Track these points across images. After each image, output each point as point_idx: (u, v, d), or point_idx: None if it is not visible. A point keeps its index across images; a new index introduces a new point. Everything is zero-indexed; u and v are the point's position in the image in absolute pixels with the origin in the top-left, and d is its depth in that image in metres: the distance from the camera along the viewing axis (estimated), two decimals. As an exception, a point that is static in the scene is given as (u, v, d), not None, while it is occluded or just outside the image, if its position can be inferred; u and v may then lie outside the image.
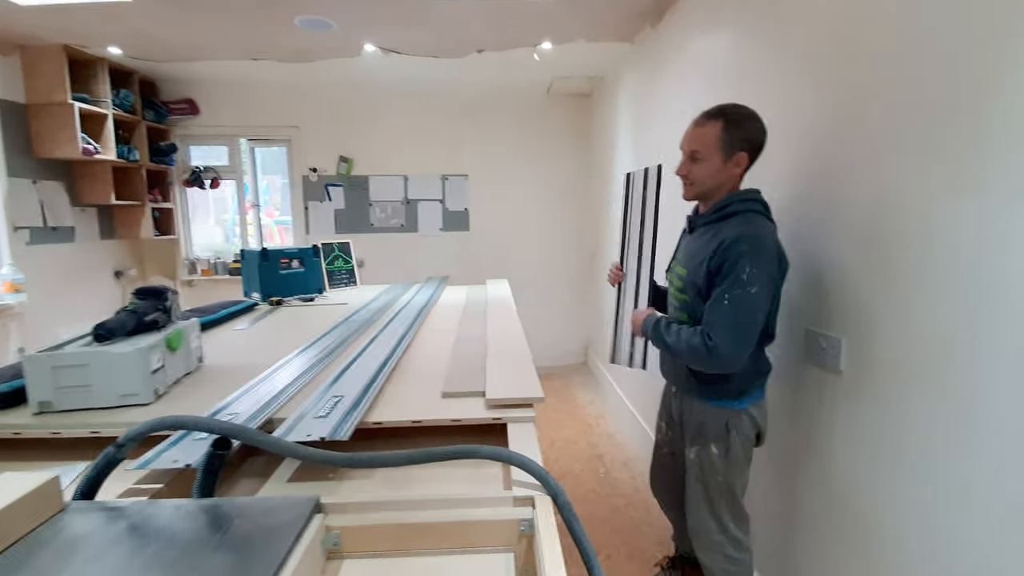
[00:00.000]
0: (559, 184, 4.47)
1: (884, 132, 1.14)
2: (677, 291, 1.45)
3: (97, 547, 0.68)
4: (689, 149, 1.35)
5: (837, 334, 1.30)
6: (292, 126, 4.19)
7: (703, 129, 1.32)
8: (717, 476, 1.42)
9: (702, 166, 1.33)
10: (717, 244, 1.28)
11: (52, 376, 1.12)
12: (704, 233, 1.37)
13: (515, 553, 0.75)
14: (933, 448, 1.04)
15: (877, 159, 1.16)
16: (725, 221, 1.32)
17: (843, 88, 1.26)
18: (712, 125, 1.31)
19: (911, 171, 1.07)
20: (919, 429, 1.07)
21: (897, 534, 1.14)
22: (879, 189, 1.15)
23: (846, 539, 1.30)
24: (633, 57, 3.09)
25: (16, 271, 2.81)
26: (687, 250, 1.45)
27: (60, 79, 2.91)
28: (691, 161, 1.35)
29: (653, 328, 1.43)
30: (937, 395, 1.02)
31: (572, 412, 3.59)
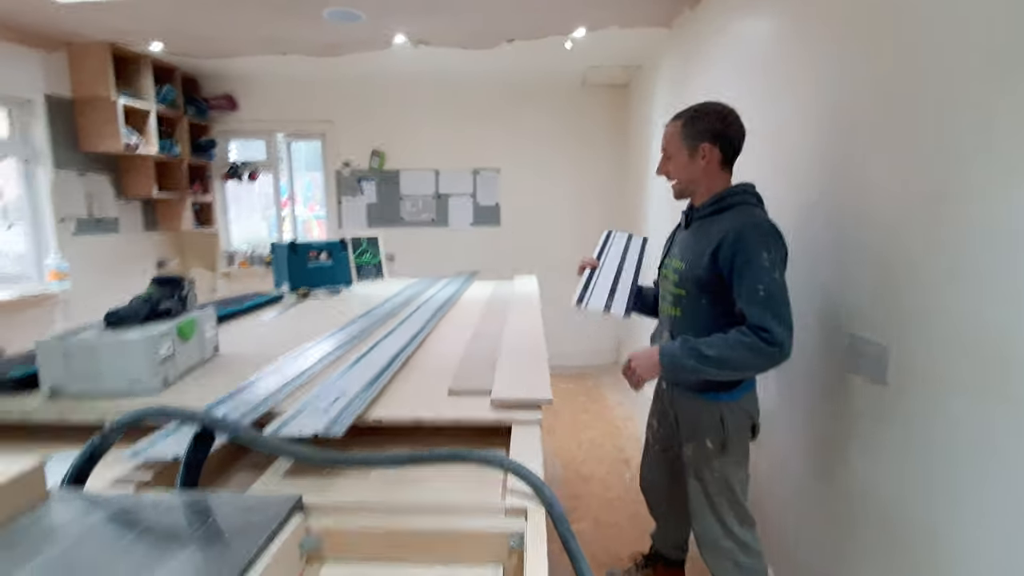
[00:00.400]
0: (593, 178, 4.36)
1: (939, 116, 1.00)
2: (673, 285, 1.44)
3: (70, 539, 0.65)
4: (663, 146, 1.43)
5: (883, 340, 1.17)
6: (326, 120, 4.24)
7: (668, 129, 1.42)
8: (714, 472, 1.41)
9: (672, 163, 1.41)
10: (721, 237, 1.28)
11: (63, 361, 1.13)
12: (701, 227, 1.39)
13: (504, 568, 0.69)
14: (991, 466, 0.91)
15: (931, 145, 1.02)
16: (721, 214, 1.35)
17: (894, 71, 1.13)
18: (673, 124, 1.40)
19: (971, 158, 0.94)
20: (977, 446, 0.94)
21: (951, 558, 1.01)
22: (933, 178, 1.02)
23: (891, 562, 1.18)
24: (671, 43, 2.95)
25: (61, 260, 2.94)
26: (684, 244, 1.44)
27: (105, 75, 3.02)
28: (665, 159, 1.43)
29: (682, 347, 1.27)
30: (998, 409, 0.89)
31: (600, 413, 3.49)
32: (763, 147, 1.79)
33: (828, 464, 1.42)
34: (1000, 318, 0.89)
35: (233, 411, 1.03)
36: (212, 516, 0.70)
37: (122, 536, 0.66)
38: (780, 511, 1.70)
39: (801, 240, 1.54)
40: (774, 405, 1.74)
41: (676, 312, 1.44)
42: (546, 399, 1.05)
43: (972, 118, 0.94)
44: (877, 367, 1.18)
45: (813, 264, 1.47)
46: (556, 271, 4.34)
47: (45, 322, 2.94)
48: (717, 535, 1.43)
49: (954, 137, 0.98)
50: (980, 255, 0.92)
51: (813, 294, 1.47)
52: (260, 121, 4.20)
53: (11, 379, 1.16)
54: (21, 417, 1.09)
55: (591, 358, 4.45)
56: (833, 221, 1.36)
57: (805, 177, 1.51)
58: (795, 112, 1.57)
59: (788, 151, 1.60)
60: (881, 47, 1.18)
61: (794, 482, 1.62)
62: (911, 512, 1.11)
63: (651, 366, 1.32)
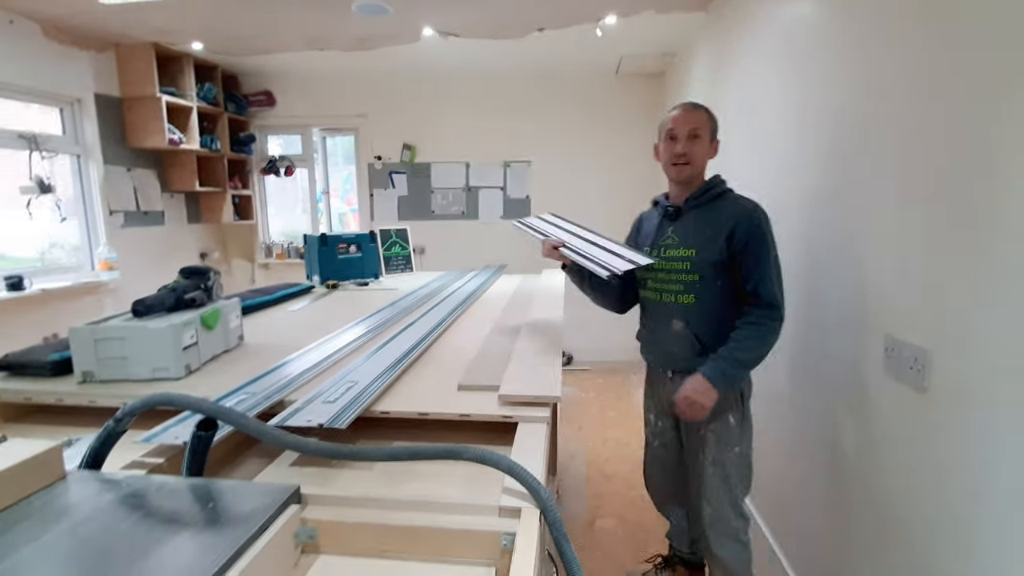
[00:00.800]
0: (626, 170, 4.26)
1: (989, 100, 0.91)
2: (683, 273, 1.46)
3: (80, 516, 0.68)
4: (689, 128, 1.43)
5: (924, 344, 1.08)
6: (360, 115, 4.30)
7: (698, 114, 1.44)
8: (735, 447, 1.48)
9: (700, 145, 1.43)
10: (735, 221, 1.38)
11: (94, 348, 1.18)
12: (700, 214, 1.46)
13: (496, 569, 0.67)
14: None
15: (986, 135, 0.93)
16: (716, 201, 1.45)
17: (943, 54, 1.03)
18: (701, 112, 1.45)
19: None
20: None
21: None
22: (985, 174, 0.93)
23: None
24: (707, 28, 2.84)
25: (110, 250, 3.10)
26: (684, 232, 1.47)
27: (149, 74, 3.15)
28: (690, 140, 1.43)
29: (726, 364, 1.36)
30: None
31: (627, 411, 3.43)
32: (801, 133, 1.70)
33: (859, 477, 1.34)
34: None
35: (245, 399, 1.05)
36: (212, 501, 0.71)
37: (128, 516, 0.68)
38: (806, 521, 1.63)
39: (837, 229, 1.46)
40: (801, 407, 1.66)
41: (688, 299, 1.45)
42: (554, 397, 1.03)
43: None
44: (916, 372, 1.10)
45: (850, 257, 1.39)
46: (586, 265, 4.29)
47: (96, 309, 3.12)
48: (730, 516, 1.49)
49: (1008, 124, 0.89)
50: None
51: (846, 291, 1.39)
52: (296, 116, 4.30)
53: (50, 363, 1.22)
54: (56, 399, 1.15)
55: (620, 354, 4.38)
56: (875, 210, 1.28)
57: (844, 165, 1.42)
58: (836, 95, 1.47)
59: (829, 138, 1.51)
60: (931, 30, 1.08)
61: (818, 495, 1.54)
62: (946, 531, 1.03)
63: (707, 390, 1.36)
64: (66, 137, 3.03)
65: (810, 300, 1.57)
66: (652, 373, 1.66)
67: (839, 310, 1.45)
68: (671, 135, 1.45)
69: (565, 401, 3.59)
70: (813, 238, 1.61)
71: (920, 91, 1.10)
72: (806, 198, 1.66)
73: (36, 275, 2.81)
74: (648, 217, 1.64)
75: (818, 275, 1.56)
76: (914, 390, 1.12)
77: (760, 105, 2.06)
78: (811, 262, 1.61)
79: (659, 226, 1.54)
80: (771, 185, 1.93)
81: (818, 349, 1.56)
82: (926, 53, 1.08)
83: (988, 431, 0.93)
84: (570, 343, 4.43)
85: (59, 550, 0.62)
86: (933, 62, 1.06)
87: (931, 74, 1.07)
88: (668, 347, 1.52)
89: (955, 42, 1.00)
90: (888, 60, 1.22)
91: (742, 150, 2.27)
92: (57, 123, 3.01)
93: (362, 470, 0.90)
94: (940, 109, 1.04)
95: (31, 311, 2.75)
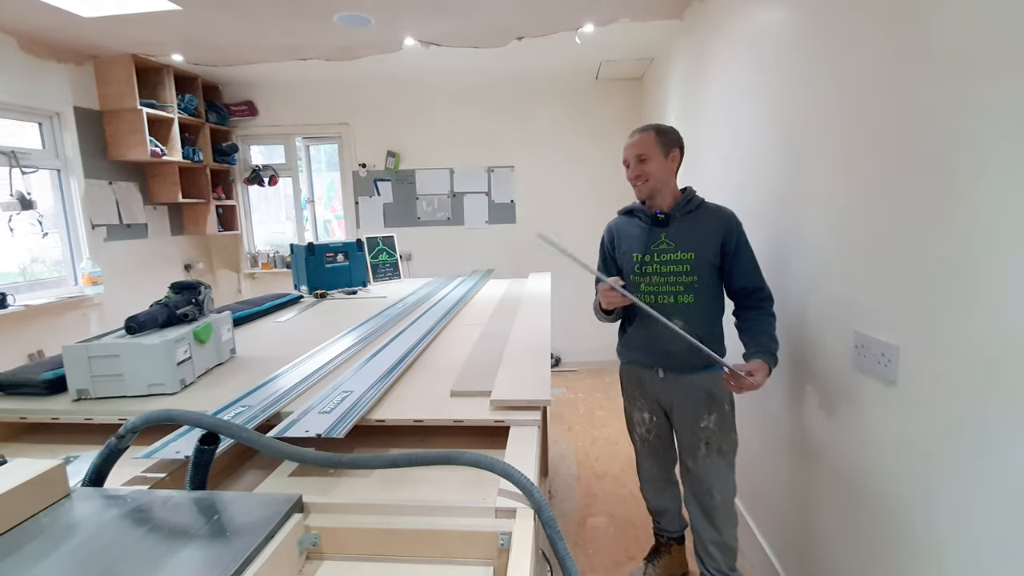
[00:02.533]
0: (609, 173, 4.33)
1: (955, 106, 0.98)
2: (683, 275, 1.56)
3: (87, 532, 0.70)
4: (636, 153, 1.57)
5: (893, 339, 1.14)
6: (343, 123, 4.31)
7: (639, 138, 1.57)
8: (733, 433, 1.61)
9: (650, 164, 1.55)
10: (726, 226, 1.54)
11: (88, 365, 1.19)
12: (689, 221, 1.58)
13: (494, 567, 0.71)
14: (1018, 480, 0.89)
15: (948, 136, 1.00)
16: (699, 209, 1.59)
17: (917, 56, 1.10)
18: (645, 135, 1.57)
19: (991, 147, 0.91)
20: (1000, 457, 0.92)
21: (953, 563, 0.99)
22: (947, 173, 0.99)
23: (896, 564, 1.16)
24: (683, 34, 2.91)
25: (94, 265, 3.07)
26: (679, 237, 1.57)
27: (129, 86, 3.13)
28: (639, 163, 1.56)
29: (770, 346, 1.49)
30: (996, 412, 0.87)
31: (616, 410, 3.48)
32: (771, 136, 1.77)
33: (833, 468, 1.41)
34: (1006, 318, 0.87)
35: (243, 412, 1.07)
36: (217, 514, 0.74)
37: (134, 531, 0.70)
38: (780, 506, 1.69)
39: (805, 230, 1.52)
40: (781, 404, 1.72)
41: (688, 299, 1.56)
42: (544, 400, 1.07)
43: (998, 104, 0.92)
44: (885, 366, 1.16)
45: (817, 257, 1.45)
46: (572, 267, 4.35)
47: (81, 324, 3.08)
48: (732, 496, 1.62)
49: (977, 126, 0.95)
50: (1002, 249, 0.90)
51: (815, 289, 1.45)
52: (279, 126, 4.29)
53: (44, 381, 1.23)
54: (52, 418, 1.16)
55: (609, 354, 4.44)
56: (844, 213, 1.34)
57: (813, 170, 1.49)
58: (804, 98, 1.54)
59: (797, 140, 1.58)
60: (905, 33, 1.14)
61: (784, 478, 1.60)
62: (922, 520, 1.09)
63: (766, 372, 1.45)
64: (46, 151, 3.00)
65: (779, 300, 1.63)
66: (641, 372, 1.69)
67: (807, 309, 1.51)
68: (624, 162, 1.62)
69: (554, 402, 3.63)
70: (781, 238, 1.67)
71: (884, 92, 1.17)
72: (775, 199, 1.73)
73: (19, 291, 2.77)
74: (624, 226, 1.69)
75: (786, 275, 1.63)
76: (883, 384, 1.18)
77: (732, 108, 2.13)
78: (779, 262, 1.68)
79: (649, 232, 1.61)
80: (742, 186, 2.00)
81: (787, 346, 1.62)
82: (902, 54, 1.14)
83: (955, 421, 0.99)
84: (557, 345, 4.48)
85: (70, 567, 0.64)
86: (907, 63, 1.12)
87: (897, 76, 1.13)
88: (665, 347, 1.57)
89: (919, 44, 1.07)
90: (854, 63, 1.28)
91: (713, 152, 2.34)
92: (36, 138, 2.98)
93: (361, 477, 0.93)
94: (905, 109, 1.11)
95: (14, 328, 2.71)
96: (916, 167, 1.06)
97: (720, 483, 1.59)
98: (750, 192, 1.94)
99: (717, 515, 1.60)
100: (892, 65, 1.13)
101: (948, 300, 0.99)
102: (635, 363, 1.71)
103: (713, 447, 1.58)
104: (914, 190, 1.07)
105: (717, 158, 2.33)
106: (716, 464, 1.59)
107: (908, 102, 1.08)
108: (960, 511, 0.98)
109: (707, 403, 1.58)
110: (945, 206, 0.99)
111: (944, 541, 1.03)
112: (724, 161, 2.25)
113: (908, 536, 1.13)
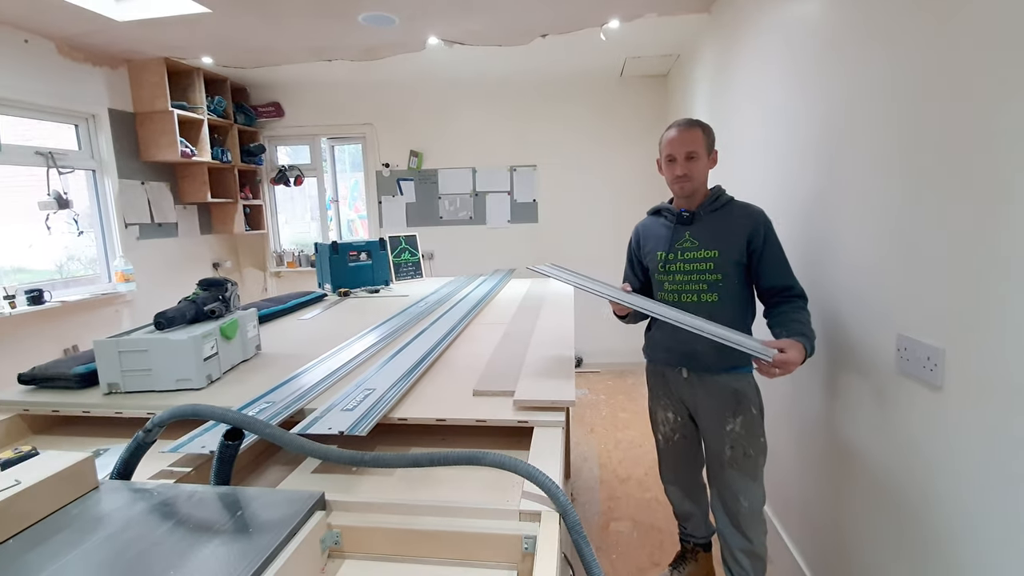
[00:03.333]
0: (634, 172, 4.27)
1: (1012, 102, 0.92)
2: (707, 273, 1.52)
3: (115, 525, 0.70)
4: (686, 151, 1.51)
5: (939, 343, 1.08)
6: (366, 123, 4.35)
7: (691, 134, 1.51)
8: (761, 438, 1.55)
9: (697, 163, 1.51)
10: (752, 224, 1.50)
11: (118, 360, 1.21)
12: (714, 219, 1.54)
13: (518, 572, 0.69)
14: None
15: (1001, 134, 0.94)
16: (726, 206, 1.55)
17: (966, 50, 1.04)
18: (695, 131, 1.52)
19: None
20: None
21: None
22: (999, 171, 0.93)
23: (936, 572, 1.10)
24: (710, 29, 2.85)
25: (127, 262, 3.15)
26: (704, 235, 1.53)
27: (161, 89, 3.21)
28: (688, 160, 1.51)
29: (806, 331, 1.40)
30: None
31: (640, 412, 3.43)
32: (805, 133, 1.71)
33: (874, 476, 1.35)
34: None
35: (267, 408, 1.08)
36: (240, 509, 0.74)
37: (160, 525, 0.70)
38: (815, 517, 1.63)
39: (842, 231, 1.46)
40: (814, 408, 1.66)
41: (712, 298, 1.53)
42: (568, 401, 1.04)
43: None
44: (931, 371, 1.10)
45: (857, 258, 1.39)
46: (595, 267, 4.29)
47: (113, 320, 3.17)
48: (761, 503, 1.57)
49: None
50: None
51: (854, 289, 1.39)
52: (304, 126, 4.36)
53: (75, 375, 1.26)
54: (83, 411, 1.18)
55: (632, 356, 4.38)
56: (886, 212, 1.28)
57: (853, 167, 1.43)
58: (840, 95, 1.48)
59: (833, 137, 1.52)
60: (956, 23, 1.09)
61: (837, 492, 1.54)
62: (960, 532, 1.03)
63: (800, 350, 1.34)
64: (82, 152, 3.09)
65: (815, 299, 1.57)
66: (666, 372, 1.66)
67: (845, 310, 1.45)
68: (670, 157, 1.53)
69: (576, 404, 3.59)
70: (818, 237, 1.61)
71: (929, 90, 1.11)
72: (811, 198, 1.67)
73: (55, 288, 2.86)
74: (650, 226, 1.68)
75: (823, 275, 1.57)
76: (927, 388, 1.12)
77: (764, 104, 2.07)
78: (816, 261, 1.61)
79: (673, 230, 1.58)
80: (775, 185, 1.94)
81: (824, 348, 1.56)
82: (940, 48, 1.09)
83: (1007, 429, 0.93)
84: (579, 346, 4.43)
85: (99, 557, 0.64)
86: (957, 57, 1.07)
87: (940, 72, 1.08)
88: (690, 346, 1.53)
89: (972, 35, 1.01)
90: (893, 59, 1.23)
91: (746, 150, 2.28)
92: (73, 139, 3.07)
93: (383, 476, 0.92)
94: (952, 107, 1.05)
95: (51, 323, 2.80)
96: (964, 164, 1.01)
97: (746, 489, 1.55)
98: (784, 189, 1.88)
99: (744, 521, 1.55)
100: (942, 58, 1.07)
101: (999, 302, 0.93)
102: (659, 362, 1.68)
103: (739, 451, 1.54)
104: (963, 188, 1.02)
105: (747, 155, 2.27)
106: (742, 469, 1.54)
107: (957, 97, 1.03)
108: (1010, 526, 0.93)
109: (733, 405, 1.53)
110: (997, 204, 0.93)
111: (990, 558, 0.97)
112: (755, 158, 2.19)
113: (951, 551, 1.07)
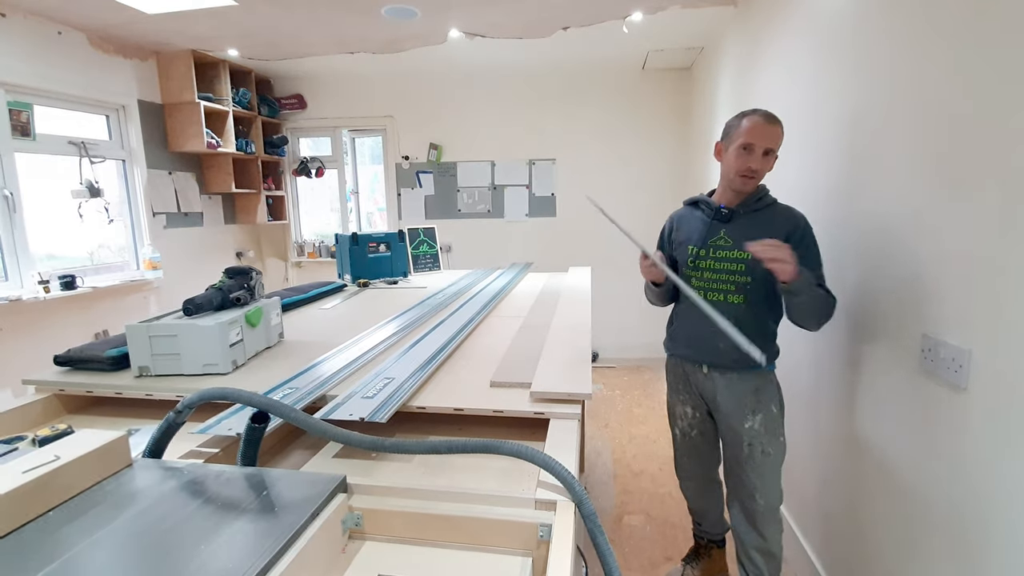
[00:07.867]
0: (653, 166, 4.24)
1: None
2: (737, 274, 1.49)
3: (147, 502, 0.73)
4: (767, 145, 1.42)
5: (965, 343, 1.07)
6: (387, 116, 4.38)
7: (775, 130, 1.42)
8: (780, 437, 1.54)
9: (770, 161, 1.44)
10: (791, 227, 1.44)
11: (149, 344, 1.25)
12: (753, 220, 1.49)
13: (533, 559, 0.70)
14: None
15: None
16: (768, 208, 1.50)
17: (1000, 48, 1.02)
18: (779, 128, 1.43)
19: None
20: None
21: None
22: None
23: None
24: (737, 21, 2.80)
25: (154, 250, 3.24)
26: (738, 235, 1.48)
27: (188, 80, 3.28)
28: (766, 156, 1.43)
29: (807, 281, 1.33)
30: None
31: (655, 408, 3.42)
32: (835, 130, 1.68)
33: (896, 475, 1.33)
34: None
35: (290, 394, 1.11)
36: (266, 489, 0.76)
37: (190, 502, 0.73)
38: (832, 517, 1.61)
39: (869, 230, 1.44)
40: (834, 407, 1.64)
41: (738, 300, 1.49)
42: (585, 394, 1.05)
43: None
44: (955, 372, 1.08)
45: (883, 258, 1.37)
46: (613, 262, 4.29)
47: (142, 306, 3.26)
48: (777, 501, 1.55)
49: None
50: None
51: (877, 288, 1.37)
52: (326, 118, 4.40)
53: (108, 358, 1.30)
54: (116, 392, 1.23)
55: (648, 351, 4.37)
56: (915, 210, 1.26)
57: (881, 164, 1.40)
58: (872, 91, 1.45)
59: (863, 135, 1.49)
60: (999, 18, 1.06)
61: (864, 494, 1.52)
62: (983, 536, 1.02)
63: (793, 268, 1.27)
64: (112, 142, 3.17)
65: (838, 297, 1.55)
66: (686, 367, 1.65)
67: (868, 309, 1.43)
68: (746, 146, 1.41)
69: (592, 397, 3.60)
70: (843, 234, 1.59)
71: (961, 87, 1.09)
72: (837, 192, 1.64)
73: (86, 274, 2.96)
74: (686, 217, 1.64)
75: (847, 272, 1.55)
76: (952, 390, 1.10)
77: (792, 98, 2.03)
78: (839, 258, 1.59)
79: (709, 226, 1.55)
80: (804, 182, 1.90)
81: (845, 346, 1.54)
82: (967, 48, 1.06)
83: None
84: (595, 340, 4.43)
85: (131, 532, 0.67)
86: (975, 57, 1.04)
87: (972, 70, 1.05)
88: (712, 343, 1.52)
89: (998, 36, 0.98)
90: (926, 56, 1.20)
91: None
92: (104, 129, 3.15)
93: (402, 462, 0.94)
94: (983, 106, 1.02)
95: (82, 308, 2.90)
96: (993, 162, 0.98)
97: (764, 487, 1.53)
98: (808, 185, 1.85)
99: (760, 519, 1.54)
100: (975, 55, 1.05)
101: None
102: (680, 357, 1.67)
103: (757, 449, 1.52)
104: (991, 187, 0.99)
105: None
106: (760, 467, 1.53)
107: (989, 95, 1.00)
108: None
109: (753, 403, 1.52)
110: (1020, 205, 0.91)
111: (1016, 562, 0.95)
112: (783, 154, 2.15)
113: (972, 555, 1.06)
